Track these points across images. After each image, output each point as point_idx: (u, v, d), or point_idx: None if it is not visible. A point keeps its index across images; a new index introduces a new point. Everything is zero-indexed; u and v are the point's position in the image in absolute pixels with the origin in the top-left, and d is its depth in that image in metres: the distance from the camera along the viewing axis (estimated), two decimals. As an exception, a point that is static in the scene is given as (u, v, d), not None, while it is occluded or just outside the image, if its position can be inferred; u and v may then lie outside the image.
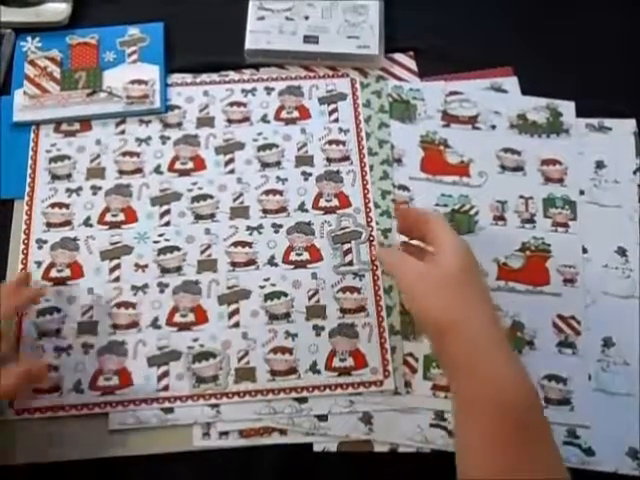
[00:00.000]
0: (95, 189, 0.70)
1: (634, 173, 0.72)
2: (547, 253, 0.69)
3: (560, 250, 0.69)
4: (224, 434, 0.61)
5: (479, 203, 0.70)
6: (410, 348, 0.64)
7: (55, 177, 0.70)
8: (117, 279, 0.66)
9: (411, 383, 0.63)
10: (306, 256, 0.67)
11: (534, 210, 0.70)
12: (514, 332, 0.65)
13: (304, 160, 0.71)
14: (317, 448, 0.61)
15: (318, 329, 0.64)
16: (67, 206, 0.69)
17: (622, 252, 0.69)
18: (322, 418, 0.62)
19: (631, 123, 0.75)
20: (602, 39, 0.79)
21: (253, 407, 0.62)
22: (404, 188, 0.71)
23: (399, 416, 0.62)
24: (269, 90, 0.75)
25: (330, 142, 0.72)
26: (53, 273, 0.66)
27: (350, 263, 0.67)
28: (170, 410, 0.61)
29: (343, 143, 0.72)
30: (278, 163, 0.71)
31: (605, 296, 0.67)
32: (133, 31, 0.78)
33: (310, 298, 0.65)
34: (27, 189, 0.69)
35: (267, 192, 0.70)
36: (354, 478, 0.61)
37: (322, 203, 0.69)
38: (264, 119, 0.73)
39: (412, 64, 0.77)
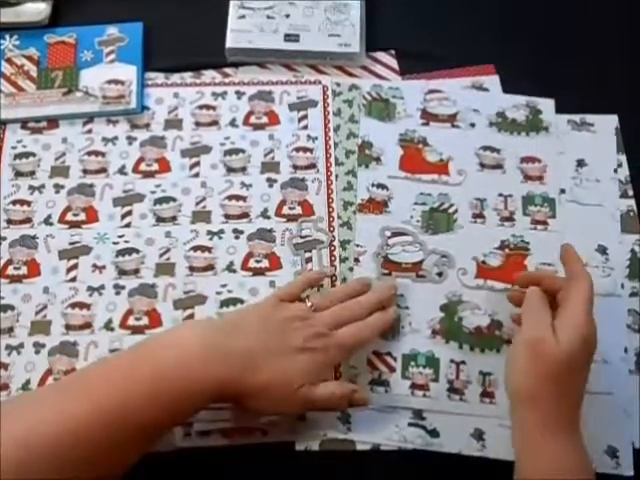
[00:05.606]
0: (58, 187, 0.69)
1: (615, 171, 0.71)
2: (526, 251, 0.68)
3: (539, 248, 0.68)
4: (205, 433, 0.60)
5: (458, 201, 0.70)
6: (388, 347, 0.64)
7: (19, 174, 0.70)
8: (74, 279, 0.65)
9: (389, 382, 0.62)
10: (265, 264, 0.66)
11: (513, 208, 0.70)
12: (492, 331, 0.64)
13: (270, 166, 0.70)
14: (299, 447, 0.61)
15: (272, 338, 0.63)
16: (29, 203, 0.68)
17: (603, 250, 0.68)
18: (300, 417, 0.61)
19: (613, 119, 0.74)
20: (585, 34, 0.78)
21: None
22: (383, 187, 0.70)
23: (377, 415, 0.61)
24: (240, 94, 0.74)
25: (297, 149, 0.71)
26: (10, 270, 0.66)
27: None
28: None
29: (311, 150, 0.71)
30: (244, 169, 0.70)
31: None
32: (112, 30, 0.77)
33: (266, 307, 0.64)
34: (-11, 184, 0.69)
35: (230, 197, 0.69)
36: (337, 477, 0.61)
37: (285, 211, 0.68)
38: (232, 123, 0.72)
39: (393, 63, 0.77)
